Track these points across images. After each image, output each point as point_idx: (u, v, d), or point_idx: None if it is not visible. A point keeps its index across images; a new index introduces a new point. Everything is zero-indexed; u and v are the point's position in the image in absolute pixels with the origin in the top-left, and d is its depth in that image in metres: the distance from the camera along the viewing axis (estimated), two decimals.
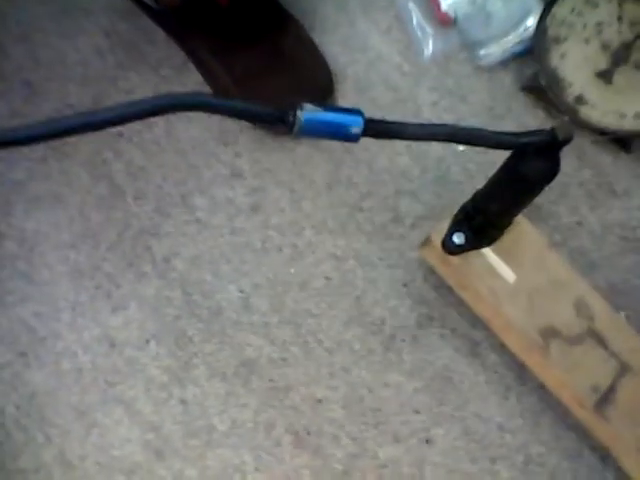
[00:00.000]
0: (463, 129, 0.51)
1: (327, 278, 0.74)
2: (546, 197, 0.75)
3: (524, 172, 0.55)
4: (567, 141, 0.52)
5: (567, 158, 0.76)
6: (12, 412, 0.70)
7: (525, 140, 0.52)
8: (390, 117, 0.76)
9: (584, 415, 0.66)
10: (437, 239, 0.66)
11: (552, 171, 0.55)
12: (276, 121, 0.45)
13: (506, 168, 0.57)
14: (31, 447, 0.69)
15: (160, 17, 0.79)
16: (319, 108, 0.45)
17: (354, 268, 0.74)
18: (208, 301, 0.73)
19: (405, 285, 0.74)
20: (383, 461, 0.69)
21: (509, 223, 0.65)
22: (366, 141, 0.76)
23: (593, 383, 0.65)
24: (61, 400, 0.71)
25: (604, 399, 0.65)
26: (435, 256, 0.68)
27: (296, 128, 0.45)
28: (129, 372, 0.71)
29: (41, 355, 0.72)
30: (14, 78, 0.80)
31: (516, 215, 0.64)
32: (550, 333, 0.66)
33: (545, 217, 0.75)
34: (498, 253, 0.67)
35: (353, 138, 0.47)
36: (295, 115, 0.44)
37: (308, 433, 0.69)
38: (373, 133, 0.47)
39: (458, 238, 0.65)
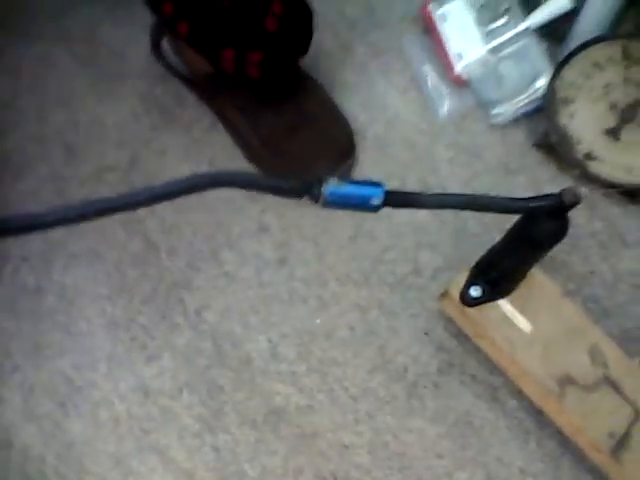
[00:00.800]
0: (475, 198, 0.54)
1: (351, 328, 0.78)
2: (559, 248, 0.78)
3: (534, 233, 0.59)
4: (575, 204, 0.55)
5: (579, 210, 0.79)
6: (52, 461, 0.74)
7: (534, 205, 0.56)
8: (409, 173, 0.82)
9: (601, 460, 0.69)
10: (455, 292, 0.70)
11: (561, 232, 0.58)
12: (303, 194, 0.50)
13: (517, 228, 0.61)
14: None
15: (191, 83, 0.84)
16: (342, 182, 0.50)
17: (377, 318, 0.78)
18: (238, 351, 0.77)
19: (426, 333, 0.77)
20: None
21: (523, 277, 0.69)
22: None
23: (609, 429, 0.68)
24: (98, 448, 0.74)
25: (620, 444, 0.68)
26: (453, 307, 0.72)
27: (321, 201, 0.49)
28: (163, 420, 0.75)
29: (79, 405, 0.76)
30: (54, 142, 0.85)
31: (529, 270, 0.68)
32: (566, 381, 0.69)
33: (559, 267, 0.79)
34: (513, 304, 0.70)
35: (374, 209, 0.51)
36: (320, 189, 0.49)
37: (335, 478, 0.72)
38: (393, 204, 0.51)
39: (475, 291, 0.69)
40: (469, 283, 0.70)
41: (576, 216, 0.80)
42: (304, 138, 0.80)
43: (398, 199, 0.52)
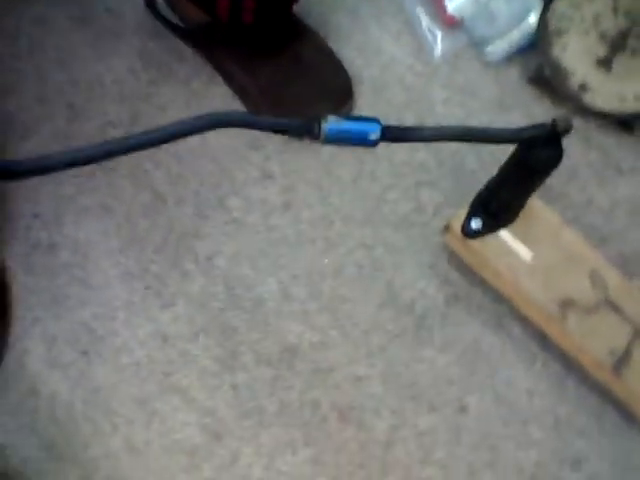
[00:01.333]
0: (470, 129, 0.58)
1: (358, 266, 0.81)
2: (557, 179, 0.81)
3: (530, 161, 0.62)
4: (567, 131, 0.58)
5: (574, 142, 0.83)
6: (79, 406, 0.77)
7: (528, 134, 0.59)
8: (406, 115, 0.84)
9: (603, 377, 0.72)
10: (456, 225, 0.73)
11: (556, 158, 0.61)
12: (304, 132, 0.52)
13: (514, 158, 0.64)
14: (99, 437, 0.76)
15: (187, 35, 0.86)
16: (341, 119, 0.52)
17: (383, 255, 0.81)
18: (250, 293, 0.80)
19: (431, 267, 0.80)
20: (422, 430, 0.75)
21: (522, 206, 0.72)
22: None
23: (610, 347, 0.72)
24: (123, 392, 0.77)
25: (621, 361, 0.71)
26: (456, 241, 0.75)
27: (321, 138, 0.52)
28: (182, 363, 0.78)
29: (102, 352, 0.79)
30: (56, 101, 0.87)
31: (527, 199, 0.70)
32: (567, 304, 0.72)
33: (557, 197, 0.81)
34: (514, 234, 0.74)
35: (372, 143, 0.54)
36: (320, 127, 0.51)
37: (351, 409, 0.76)
38: (390, 138, 0.54)
39: (475, 223, 0.72)
40: (470, 216, 0.73)
41: (572, 147, 0.83)
42: (302, 85, 0.82)
43: (395, 133, 0.55)
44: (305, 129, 0.52)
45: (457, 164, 0.83)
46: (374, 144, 0.54)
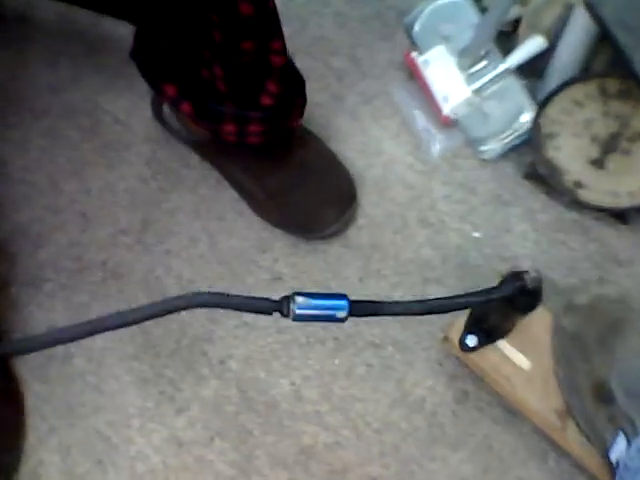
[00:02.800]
0: (436, 301, 0.60)
1: (368, 365, 0.83)
2: (558, 272, 0.85)
3: (508, 305, 0.67)
4: (538, 289, 0.63)
5: (573, 234, 0.87)
6: None
7: (495, 296, 0.62)
8: (409, 213, 0.88)
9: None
10: (454, 336, 0.77)
11: (534, 303, 0.66)
12: (274, 311, 0.57)
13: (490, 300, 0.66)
14: None
15: (194, 145, 0.90)
16: (308, 299, 0.56)
17: (392, 354, 0.83)
18: (263, 396, 0.82)
19: (440, 364, 0.82)
20: None
21: (513, 326, 0.75)
22: (391, 235, 0.86)
23: None
24: None
25: None
26: (454, 350, 0.78)
27: (291, 317, 0.57)
28: (198, 469, 0.79)
29: (117, 461, 0.80)
30: (69, 210, 0.90)
31: (517, 322, 0.74)
32: (566, 414, 0.74)
33: (559, 291, 0.84)
34: (512, 342, 0.76)
35: (341, 320, 0.58)
36: (289, 307, 0.56)
37: None
38: (358, 313, 0.58)
39: (471, 341, 0.76)
40: (465, 332, 0.77)
41: (571, 241, 0.86)
42: (308, 189, 0.85)
43: (363, 309, 0.58)
44: (275, 309, 0.57)
45: (461, 260, 0.86)
46: (343, 321, 0.58)
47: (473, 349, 0.76)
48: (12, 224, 0.90)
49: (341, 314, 0.57)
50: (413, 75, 0.93)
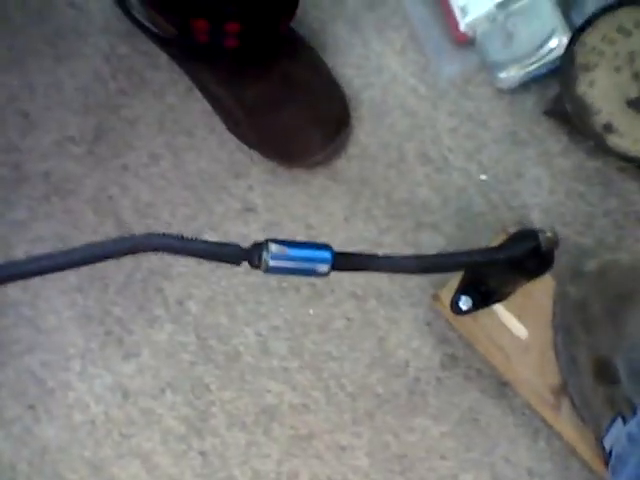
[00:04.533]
0: (434, 258, 0.52)
1: (348, 319, 0.73)
2: (572, 229, 0.74)
3: (515, 269, 0.57)
4: (551, 251, 0.54)
5: (594, 186, 0.75)
6: (24, 469, 0.69)
7: (501, 257, 0.53)
8: (407, 146, 0.75)
9: (600, 468, 0.66)
10: (446, 296, 0.68)
11: (545, 266, 0.56)
12: (241, 261, 0.47)
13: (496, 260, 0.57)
14: None
15: (163, 42, 0.75)
16: (285, 248, 0.46)
17: (375, 308, 0.73)
18: (224, 346, 0.72)
19: (428, 324, 0.72)
20: None
21: (514, 291, 0.66)
22: (385, 170, 0.74)
23: None
24: (74, 455, 0.70)
25: None
26: (444, 311, 0.69)
27: (262, 269, 0.46)
28: (145, 423, 0.70)
29: (51, 408, 0.71)
30: (8, 109, 0.76)
31: (518, 288, 0.65)
32: (562, 390, 0.66)
33: (571, 249, 0.73)
34: (510, 308, 0.67)
35: (322, 275, 0.48)
36: (261, 257, 0.46)
37: None
38: (343, 268, 0.48)
39: (464, 303, 0.67)
40: (458, 293, 0.67)
41: (591, 193, 0.75)
42: (294, 108, 0.72)
43: (349, 263, 0.49)
44: (243, 258, 0.47)
45: (463, 204, 0.75)
46: (325, 275, 0.48)
47: (466, 312, 0.67)
48: None
49: (322, 268, 0.47)
50: None
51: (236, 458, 0.69)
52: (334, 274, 0.72)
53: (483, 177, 0.76)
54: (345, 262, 0.49)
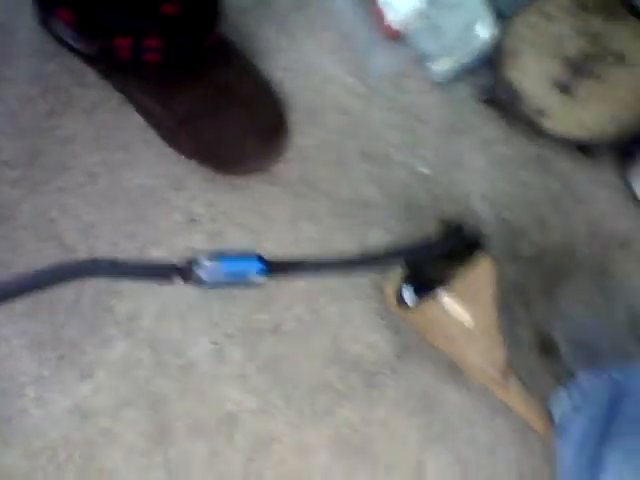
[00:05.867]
0: (360, 258, 0.54)
1: (300, 320, 0.74)
2: (511, 210, 0.76)
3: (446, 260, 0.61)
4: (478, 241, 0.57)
5: (533, 170, 0.78)
6: None
7: (435, 251, 0.59)
8: (348, 144, 0.76)
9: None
10: (390, 290, 0.69)
11: (473, 252, 0.61)
12: (173, 277, 0.47)
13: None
14: None
15: (89, 60, 0.75)
16: (216, 262, 0.48)
17: (327, 305, 0.74)
18: (179, 358, 0.72)
19: (380, 317, 0.74)
20: None
21: (452, 276, 0.67)
22: (326, 170, 0.76)
23: None
24: None
25: None
26: (392, 304, 0.70)
27: (196, 282, 0.47)
28: (105, 442, 0.70)
29: (9, 437, 0.70)
30: None
31: (455, 272, 0.66)
32: (509, 368, 0.68)
33: (515, 231, 0.76)
34: (453, 296, 0.68)
35: (258, 284, 0.49)
36: (192, 272, 0.47)
37: None
38: (277, 276, 0.50)
39: (408, 294, 0.68)
40: (401, 285, 0.69)
41: (530, 177, 0.77)
42: (227, 115, 0.73)
43: (280, 270, 0.50)
44: (176, 274, 0.48)
45: (407, 201, 0.76)
46: (260, 284, 0.50)
47: (411, 304, 0.68)
48: None
49: (257, 278, 0.49)
50: None
51: (200, 468, 0.70)
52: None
53: (425, 170, 0.77)
54: (278, 269, 0.50)
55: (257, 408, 0.72)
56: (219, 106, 0.73)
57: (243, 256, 0.49)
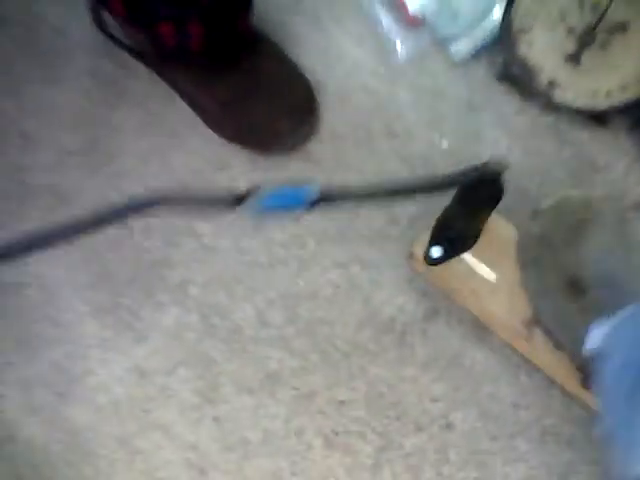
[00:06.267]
0: (403, 183, 0.57)
1: (334, 286, 0.80)
2: (530, 180, 0.81)
3: (472, 200, 0.64)
4: (500, 172, 0.59)
5: (549, 140, 0.82)
6: (57, 449, 0.77)
7: (460, 181, 0.60)
8: (374, 122, 0.82)
9: (576, 390, 0.73)
10: (419, 251, 0.74)
11: (497, 195, 0.63)
12: (235, 206, 0.51)
13: (458, 195, 0.65)
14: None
15: (137, 54, 0.83)
16: (272, 190, 0.51)
17: (359, 272, 0.80)
18: (226, 321, 0.80)
19: (409, 282, 0.80)
20: (409, 450, 0.76)
21: (478, 233, 0.73)
22: (355, 147, 0.82)
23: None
24: (102, 432, 0.78)
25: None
26: (420, 266, 0.76)
27: (257, 209, 0.51)
28: (162, 398, 0.78)
29: (77, 392, 0.79)
30: (8, 131, 0.85)
31: (482, 226, 0.72)
32: (532, 322, 0.72)
33: (532, 200, 0.80)
34: (477, 256, 0.74)
35: (310, 206, 0.52)
36: (251, 198, 0.51)
37: (336, 434, 0.77)
38: (325, 200, 0.53)
39: (436, 252, 0.73)
40: (430, 244, 0.74)
41: (545, 145, 0.82)
42: (263, 100, 0.80)
43: (329, 194, 0.53)
44: (237, 203, 0.51)
45: (429, 172, 0.82)
46: (311, 207, 0.53)
47: (438, 261, 0.73)
48: None
49: (305, 202, 0.52)
50: None
51: (247, 421, 0.77)
52: (318, 246, 0.80)
53: (445, 144, 0.83)
54: (326, 195, 0.53)
55: (297, 366, 0.79)
56: (254, 90, 0.80)
57: (295, 186, 0.52)
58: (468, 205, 0.68)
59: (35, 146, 0.84)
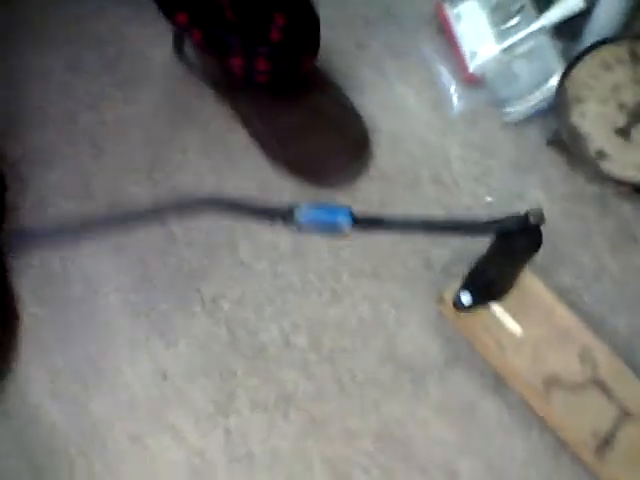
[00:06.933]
0: (443, 221, 0.59)
1: (362, 319, 0.82)
2: (569, 245, 0.83)
3: (509, 249, 0.64)
4: (539, 223, 0.59)
5: (590, 207, 0.84)
6: (76, 440, 0.81)
7: (500, 227, 0.60)
8: (422, 170, 0.86)
9: (586, 458, 0.73)
10: (449, 297, 0.76)
11: (534, 246, 0.63)
12: (277, 218, 0.55)
13: (495, 244, 0.66)
14: (91, 476, 0.79)
15: (210, 80, 0.90)
16: (312, 209, 0.54)
17: (387, 310, 0.83)
18: (252, 339, 0.83)
19: (434, 326, 0.82)
20: None
21: (511, 284, 0.74)
22: (401, 191, 0.85)
23: (593, 428, 0.72)
24: (118, 428, 0.81)
25: (605, 444, 0.71)
26: (448, 311, 0.78)
27: (293, 225, 0.55)
28: (178, 402, 0.81)
29: (102, 387, 0.82)
30: (82, 140, 0.92)
31: (515, 278, 0.73)
32: (552, 381, 0.73)
33: (569, 264, 0.82)
34: (505, 307, 0.76)
35: (345, 230, 0.55)
36: (292, 215, 0.54)
37: (340, 463, 0.78)
38: (361, 226, 0.56)
39: (466, 298, 0.75)
40: (461, 290, 0.76)
41: (588, 213, 0.84)
42: (320, 134, 0.85)
43: (365, 221, 0.56)
44: (281, 217, 0.55)
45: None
46: (346, 232, 0.56)
47: (467, 307, 0.75)
48: (25, 147, 0.92)
49: (344, 227, 0.55)
50: (443, 28, 0.91)
51: (256, 437, 0.79)
52: (353, 280, 0.83)
53: (488, 199, 0.86)
54: (364, 221, 0.56)
55: (314, 391, 0.80)
56: (313, 127, 0.85)
57: (335, 207, 0.56)
58: (503, 254, 0.69)
59: (104, 156, 0.91)
